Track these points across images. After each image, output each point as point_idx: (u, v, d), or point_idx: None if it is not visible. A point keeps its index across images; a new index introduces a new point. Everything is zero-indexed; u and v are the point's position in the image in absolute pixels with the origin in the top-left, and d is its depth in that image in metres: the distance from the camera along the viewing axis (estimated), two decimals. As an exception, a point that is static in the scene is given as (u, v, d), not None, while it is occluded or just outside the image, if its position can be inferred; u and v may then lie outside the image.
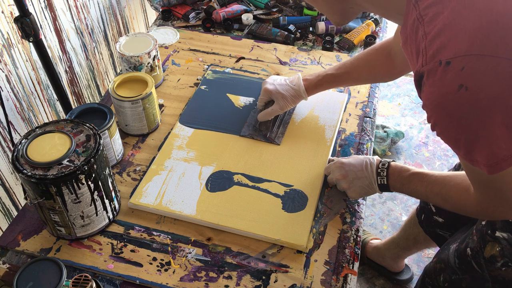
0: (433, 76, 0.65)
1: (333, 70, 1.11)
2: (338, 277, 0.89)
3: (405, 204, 1.95)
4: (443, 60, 0.63)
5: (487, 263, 0.92)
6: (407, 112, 2.34)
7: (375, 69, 1.09)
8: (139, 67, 1.19)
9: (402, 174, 0.93)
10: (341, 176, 0.99)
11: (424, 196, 0.91)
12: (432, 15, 0.66)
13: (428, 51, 0.66)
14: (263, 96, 1.16)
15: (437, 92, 0.65)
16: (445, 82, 0.63)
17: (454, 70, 0.62)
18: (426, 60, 0.66)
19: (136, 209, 0.99)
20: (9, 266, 0.91)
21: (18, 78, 1.29)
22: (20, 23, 1.09)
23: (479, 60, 0.61)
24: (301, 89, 1.11)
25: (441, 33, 0.64)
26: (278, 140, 1.12)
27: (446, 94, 0.64)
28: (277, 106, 1.12)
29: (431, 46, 0.65)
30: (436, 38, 0.65)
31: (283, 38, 1.44)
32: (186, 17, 1.54)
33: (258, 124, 1.15)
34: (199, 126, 1.16)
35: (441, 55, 0.63)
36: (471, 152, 0.68)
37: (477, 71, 0.61)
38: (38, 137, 0.86)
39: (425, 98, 0.68)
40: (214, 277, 0.88)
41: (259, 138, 1.12)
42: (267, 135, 1.12)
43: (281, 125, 1.15)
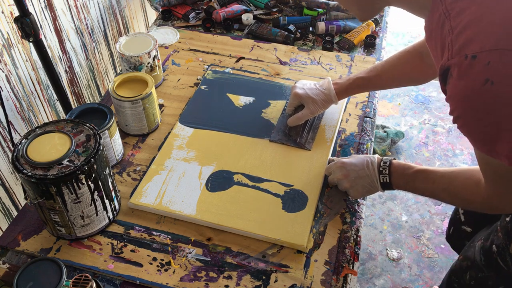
0: (459, 70, 0.65)
1: (364, 74, 1.10)
2: (338, 277, 0.89)
3: (405, 204, 1.95)
4: (469, 54, 0.64)
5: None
6: (407, 112, 2.34)
7: (408, 71, 1.07)
8: (139, 67, 1.19)
9: (406, 172, 0.93)
10: (342, 176, 0.98)
11: (429, 193, 0.91)
12: (459, 9, 0.67)
13: (454, 45, 0.66)
14: (292, 100, 1.14)
15: (463, 85, 0.65)
16: (471, 75, 0.64)
17: (480, 64, 0.63)
18: (452, 54, 0.66)
19: (136, 209, 0.99)
20: (9, 266, 0.91)
21: (18, 78, 1.29)
22: (20, 23, 1.09)
23: (505, 55, 0.61)
24: (331, 93, 1.10)
25: (468, 27, 0.65)
26: (308, 145, 1.10)
27: (471, 88, 0.64)
28: (307, 111, 1.11)
29: (457, 40, 0.66)
30: (462, 32, 0.65)
31: (283, 38, 1.44)
32: (186, 17, 1.54)
33: (288, 129, 1.13)
34: (199, 126, 1.16)
35: (467, 49, 0.64)
36: (493, 144, 0.69)
37: (503, 66, 0.61)
38: (38, 137, 0.86)
39: (450, 91, 0.69)
40: (214, 277, 0.88)
41: (289, 143, 1.11)
42: (297, 140, 1.11)
43: (310, 130, 1.13)
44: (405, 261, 1.76)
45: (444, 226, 1.88)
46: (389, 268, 1.74)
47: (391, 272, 1.73)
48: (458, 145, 2.17)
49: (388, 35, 2.84)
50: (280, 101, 1.22)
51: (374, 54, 1.41)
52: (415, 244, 1.82)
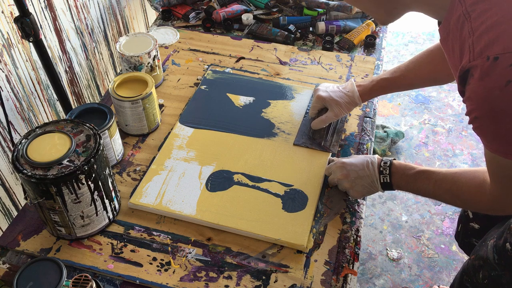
0: (480, 71, 0.66)
1: (388, 75, 1.09)
2: (338, 277, 0.89)
3: (405, 204, 1.95)
4: (491, 55, 0.64)
5: None
6: (407, 112, 2.34)
7: (432, 71, 1.06)
8: (139, 67, 1.19)
9: (407, 172, 0.93)
10: (342, 176, 0.98)
11: (431, 194, 0.91)
12: (480, 11, 0.67)
13: (476, 47, 0.66)
14: (316, 103, 1.13)
15: (484, 86, 0.66)
16: (492, 77, 0.64)
17: (502, 66, 0.63)
18: (474, 56, 0.66)
19: (136, 209, 0.99)
20: (9, 266, 0.91)
21: (18, 78, 1.29)
22: (20, 23, 1.09)
23: None
24: (355, 95, 1.10)
25: (490, 29, 0.65)
26: (333, 148, 1.09)
27: (492, 89, 0.65)
28: (331, 113, 1.10)
29: (478, 42, 0.66)
30: (484, 34, 0.65)
31: (283, 38, 1.44)
32: (186, 17, 1.54)
33: (312, 133, 1.13)
34: (199, 126, 1.16)
35: (490, 51, 0.64)
36: (510, 145, 0.69)
37: None
38: (38, 137, 0.86)
39: (470, 91, 0.68)
40: (214, 277, 0.88)
41: (314, 146, 1.10)
42: (322, 144, 1.10)
43: (335, 133, 1.12)
44: (405, 261, 1.76)
45: (444, 226, 1.88)
46: (389, 268, 1.74)
47: (391, 272, 1.73)
48: (458, 145, 2.17)
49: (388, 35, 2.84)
50: (280, 101, 1.22)
51: (374, 54, 1.41)
52: (415, 244, 1.82)
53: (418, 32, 2.81)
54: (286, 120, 1.17)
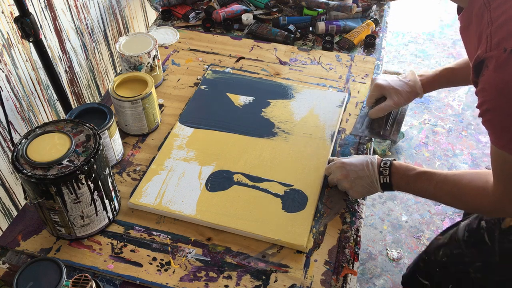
0: (496, 63, 0.65)
1: (453, 65, 1.06)
2: (338, 277, 0.89)
3: (405, 204, 1.95)
4: (509, 48, 0.63)
5: (502, 235, 0.91)
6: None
7: None
8: (139, 67, 1.19)
9: (407, 173, 0.92)
10: (342, 176, 0.98)
11: (432, 195, 0.90)
12: (501, 1, 0.66)
13: (493, 38, 0.66)
14: (374, 92, 1.11)
15: (499, 78, 0.65)
16: (508, 69, 0.64)
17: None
18: (491, 46, 0.66)
19: (136, 209, 0.99)
20: (9, 266, 0.91)
21: (18, 78, 1.29)
22: (20, 23, 1.09)
23: None
24: (417, 85, 1.07)
25: (509, 21, 0.64)
26: (393, 136, 1.05)
27: (508, 81, 0.64)
28: (391, 101, 1.07)
29: (496, 33, 0.65)
30: (503, 26, 0.65)
31: (283, 38, 1.44)
32: (186, 17, 1.54)
33: (370, 122, 1.10)
34: (199, 125, 1.16)
35: (507, 43, 0.64)
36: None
37: None
38: (38, 137, 0.86)
39: (484, 83, 0.68)
40: (214, 277, 0.88)
41: (372, 136, 1.07)
42: (381, 133, 1.07)
43: (394, 123, 1.09)
44: (405, 261, 1.76)
45: (444, 226, 1.88)
46: (389, 268, 1.74)
47: (391, 272, 1.73)
48: (458, 145, 2.17)
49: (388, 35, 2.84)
50: (280, 100, 1.22)
51: (374, 54, 1.41)
52: (415, 244, 1.82)
53: (418, 32, 2.81)
54: (286, 119, 1.17)
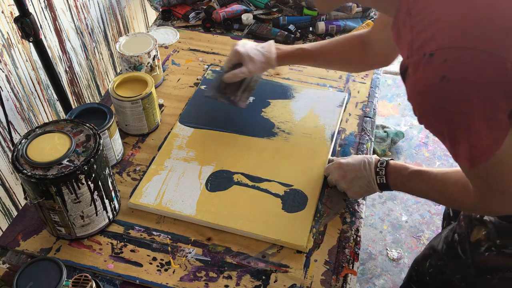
0: (417, 68, 0.66)
1: (308, 46, 1.11)
2: (338, 277, 0.89)
3: (405, 204, 1.95)
4: (427, 52, 0.64)
5: (472, 248, 0.93)
6: (407, 112, 2.34)
7: (348, 55, 1.09)
8: (139, 67, 1.19)
9: (402, 173, 0.93)
10: (339, 176, 0.99)
11: (424, 194, 0.91)
12: (420, 8, 0.67)
13: (414, 44, 0.67)
14: (232, 57, 1.12)
15: (420, 83, 0.66)
16: (428, 73, 0.64)
17: (437, 62, 0.63)
18: (412, 52, 0.67)
19: (136, 209, 0.99)
20: (9, 266, 0.91)
21: (18, 78, 1.29)
22: (20, 23, 1.09)
23: (461, 52, 0.62)
24: (272, 56, 1.10)
25: (427, 26, 0.65)
26: (242, 104, 1.11)
27: (429, 85, 0.65)
28: (245, 69, 1.09)
29: (417, 39, 0.66)
30: (422, 32, 0.66)
31: (283, 38, 1.44)
32: (186, 17, 1.54)
33: (223, 86, 1.13)
34: (199, 126, 1.16)
35: (426, 47, 0.65)
36: (454, 145, 0.69)
37: (459, 63, 0.62)
38: (38, 137, 0.86)
39: (409, 89, 0.69)
40: (214, 277, 0.88)
41: (223, 99, 1.12)
42: (231, 98, 1.11)
43: (246, 90, 1.13)
44: (405, 261, 1.76)
45: (444, 226, 1.88)
46: (389, 268, 1.74)
47: (391, 272, 1.73)
48: (458, 145, 2.17)
49: (388, 35, 2.82)
50: (280, 100, 1.22)
51: (374, 54, 1.41)
52: (415, 244, 1.82)
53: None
54: (286, 119, 1.17)
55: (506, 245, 0.87)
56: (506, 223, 0.86)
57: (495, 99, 0.63)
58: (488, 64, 0.61)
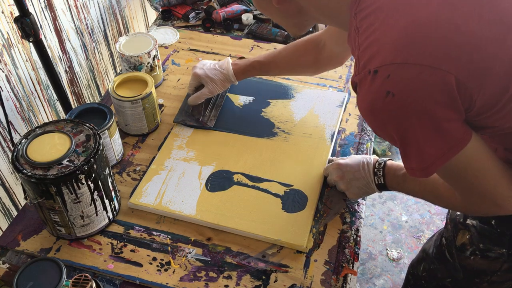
0: (363, 85, 0.68)
1: (262, 58, 1.14)
2: (338, 277, 0.89)
3: (405, 204, 1.95)
4: (372, 69, 0.66)
5: (458, 251, 0.93)
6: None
7: (300, 60, 1.11)
8: (139, 67, 1.19)
9: (397, 173, 0.93)
10: (338, 177, 0.99)
11: (419, 194, 0.91)
12: (366, 26, 0.69)
13: (360, 61, 0.69)
14: (192, 81, 1.18)
15: (367, 99, 0.68)
16: (373, 89, 0.66)
17: (381, 78, 0.65)
18: (359, 69, 0.69)
19: (136, 209, 0.99)
20: (9, 266, 0.91)
21: (18, 78, 1.29)
22: (20, 23, 1.09)
23: (403, 68, 0.63)
24: (230, 73, 1.14)
25: (372, 44, 0.67)
26: (210, 123, 1.14)
27: (375, 100, 0.66)
28: (206, 90, 1.15)
29: (363, 56, 0.68)
30: (367, 49, 0.67)
31: (283, 38, 1.44)
32: (186, 17, 1.54)
33: (191, 110, 1.17)
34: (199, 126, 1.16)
35: (371, 64, 0.66)
36: (407, 158, 0.70)
37: (402, 78, 0.63)
38: (38, 137, 0.86)
39: (359, 105, 0.71)
40: (214, 277, 0.88)
41: (192, 122, 1.14)
42: (200, 119, 1.14)
43: (213, 109, 1.17)
44: (405, 261, 1.76)
45: (444, 226, 1.88)
46: (389, 268, 1.74)
47: (391, 272, 1.73)
48: (458, 145, 2.17)
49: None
50: (280, 100, 1.22)
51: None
52: (415, 244, 1.82)
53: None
54: (286, 119, 1.17)
55: (489, 249, 0.87)
56: (488, 227, 0.86)
57: (441, 111, 0.64)
58: (430, 78, 0.62)
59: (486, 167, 0.72)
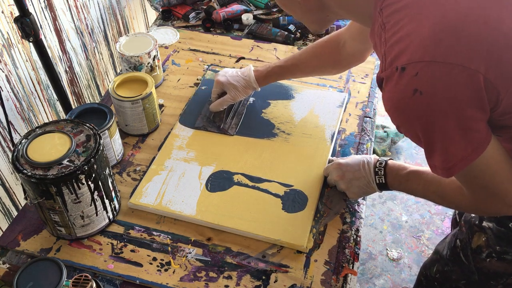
0: (390, 81, 0.68)
1: (282, 62, 1.14)
2: (338, 277, 0.89)
3: (405, 204, 1.95)
4: (399, 66, 0.65)
5: (474, 254, 0.93)
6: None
7: (321, 60, 1.12)
8: (139, 67, 1.19)
9: (400, 173, 0.93)
10: (338, 177, 0.99)
11: (421, 194, 0.91)
12: (393, 22, 0.69)
13: (387, 57, 0.68)
14: (215, 88, 1.18)
15: (394, 96, 0.68)
16: (400, 86, 0.66)
17: (409, 76, 0.65)
18: (385, 66, 0.69)
19: (136, 209, 0.99)
20: (9, 266, 0.91)
21: (18, 78, 1.29)
22: (20, 23, 1.09)
23: (431, 66, 0.63)
24: (252, 79, 1.14)
25: (399, 40, 0.67)
26: (231, 130, 1.14)
27: (402, 98, 0.66)
28: (228, 96, 1.15)
29: (389, 52, 0.68)
30: (394, 45, 0.67)
31: (283, 38, 1.44)
32: (186, 17, 1.54)
33: (212, 116, 1.17)
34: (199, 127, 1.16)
35: (398, 61, 0.66)
36: (431, 155, 0.70)
37: (430, 77, 0.63)
38: (38, 137, 0.86)
39: (385, 102, 0.71)
40: (214, 277, 0.88)
41: (213, 129, 1.14)
42: (221, 126, 1.14)
43: (234, 116, 1.17)
44: (405, 261, 1.76)
45: (444, 226, 1.88)
46: (389, 268, 1.74)
47: (391, 272, 1.73)
48: (458, 145, 2.17)
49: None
50: (280, 101, 1.22)
51: (374, 54, 1.41)
52: (415, 244, 1.82)
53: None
54: (286, 120, 1.17)
55: (506, 251, 0.87)
56: (505, 229, 0.86)
57: (468, 110, 0.64)
58: (459, 77, 0.62)
59: (502, 167, 0.72)
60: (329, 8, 0.80)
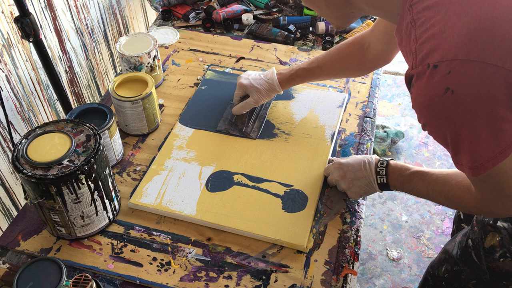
0: (421, 79, 0.67)
1: (306, 65, 1.13)
2: (338, 277, 0.89)
3: (405, 204, 1.95)
4: (431, 63, 0.65)
5: (486, 254, 0.92)
6: (407, 112, 2.34)
7: (346, 63, 1.11)
8: (139, 67, 1.19)
9: (403, 173, 0.93)
10: (339, 177, 0.99)
11: (425, 195, 0.91)
12: (424, 19, 0.68)
13: (418, 54, 0.68)
14: (238, 91, 1.17)
15: (425, 94, 0.67)
16: (432, 84, 0.65)
17: (441, 74, 0.64)
18: (416, 63, 0.68)
19: (136, 209, 0.99)
20: (9, 266, 0.91)
21: (18, 78, 1.29)
22: (20, 23, 1.09)
23: (465, 64, 0.62)
24: (275, 82, 1.13)
25: (431, 37, 0.66)
26: (253, 134, 1.13)
27: (433, 96, 0.66)
28: (251, 99, 1.14)
29: (421, 49, 0.67)
30: (426, 42, 0.67)
31: (283, 38, 1.44)
32: (186, 17, 1.54)
33: (234, 119, 1.16)
34: (200, 127, 1.16)
35: (430, 58, 0.65)
36: (457, 154, 0.70)
37: (463, 76, 0.63)
38: (38, 137, 0.86)
39: (413, 100, 0.70)
40: (214, 277, 0.88)
41: (235, 132, 1.13)
42: (243, 130, 1.13)
43: (256, 120, 1.16)
44: (405, 261, 1.76)
45: (444, 226, 1.88)
46: (389, 268, 1.74)
47: (391, 272, 1.73)
48: (458, 145, 2.17)
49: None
50: (280, 101, 1.22)
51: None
52: (415, 244, 1.82)
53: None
54: (286, 120, 1.17)
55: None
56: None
57: (500, 111, 0.63)
58: (492, 76, 0.61)
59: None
60: (355, 4, 0.79)
